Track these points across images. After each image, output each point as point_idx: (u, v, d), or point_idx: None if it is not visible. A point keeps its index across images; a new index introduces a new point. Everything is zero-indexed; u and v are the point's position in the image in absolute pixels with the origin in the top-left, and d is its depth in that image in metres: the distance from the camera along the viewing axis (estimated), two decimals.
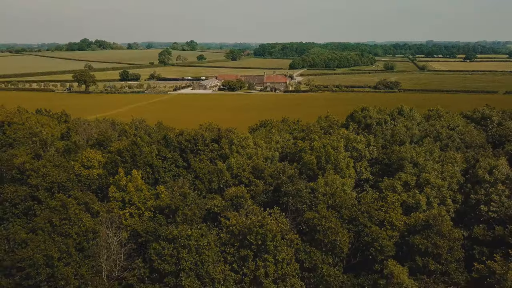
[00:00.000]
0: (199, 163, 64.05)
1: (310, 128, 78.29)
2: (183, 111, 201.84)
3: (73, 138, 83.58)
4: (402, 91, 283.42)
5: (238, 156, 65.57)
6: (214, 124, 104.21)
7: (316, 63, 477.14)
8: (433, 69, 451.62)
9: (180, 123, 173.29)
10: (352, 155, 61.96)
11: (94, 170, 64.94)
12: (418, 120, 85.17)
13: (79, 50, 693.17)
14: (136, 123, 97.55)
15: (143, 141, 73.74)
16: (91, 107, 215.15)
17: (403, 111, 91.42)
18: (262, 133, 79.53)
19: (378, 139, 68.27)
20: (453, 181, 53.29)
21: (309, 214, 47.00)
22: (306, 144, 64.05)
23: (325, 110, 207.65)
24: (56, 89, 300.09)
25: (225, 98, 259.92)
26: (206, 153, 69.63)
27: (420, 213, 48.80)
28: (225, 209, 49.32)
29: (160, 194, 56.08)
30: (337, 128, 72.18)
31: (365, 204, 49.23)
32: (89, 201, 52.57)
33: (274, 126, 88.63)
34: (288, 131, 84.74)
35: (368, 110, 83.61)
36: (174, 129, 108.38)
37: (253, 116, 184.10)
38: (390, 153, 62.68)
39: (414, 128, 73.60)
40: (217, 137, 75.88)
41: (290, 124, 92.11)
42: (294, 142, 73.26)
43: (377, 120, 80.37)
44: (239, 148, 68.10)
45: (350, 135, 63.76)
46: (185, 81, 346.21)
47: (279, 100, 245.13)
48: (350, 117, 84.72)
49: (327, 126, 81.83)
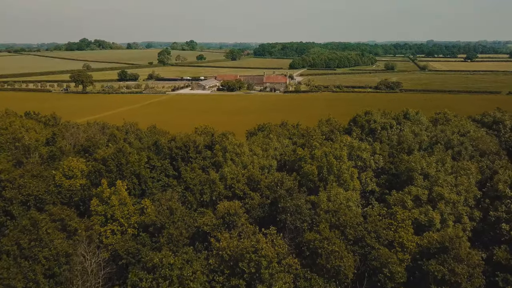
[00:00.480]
0: (190, 172, 58.53)
1: (310, 134, 72.77)
2: (180, 113, 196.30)
3: (58, 144, 78.03)
4: (403, 91, 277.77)
5: (233, 165, 60.09)
6: (210, 127, 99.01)
7: (316, 63, 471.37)
8: (434, 69, 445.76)
9: (176, 125, 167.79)
10: (356, 165, 56.42)
11: (77, 180, 59.50)
12: (426, 125, 79.60)
13: (78, 50, 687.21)
14: (127, 127, 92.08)
15: (132, 148, 68.42)
16: (86, 108, 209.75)
17: (408, 114, 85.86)
18: (260, 138, 74.04)
19: (384, 146, 62.71)
20: (469, 195, 47.79)
21: (309, 235, 41.50)
22: (306, 152, 58.52)
23: (326, 111, 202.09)
24: (53, 90, 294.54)
25: (223, 99, 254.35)
26: (198, 161, 64.14)
27: (434, 232, 43.30)
28: (216, 228, 43.84)
29: (145, 209, 50.67)
30: (339, 134, 66.61)
31: (372, 222, 43.71)
32: (66, 218, 47.08)
33: (272, 131, 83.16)
34: (287, 136, 79.26)
35: (372, 114, 78.08)
36: (168, 133, 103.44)
37: (251, 118, 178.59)
38: (397, 163, 57.15)
39: (422, 134, 68.02)
40: (211, 143, 70.43)
41: (289, 128, 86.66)
42: (293, 149, 67.73)
43: (382, 125, 74.83)
44: (234, 156, 62.63)
45: (354, 143, 58.19)
46: (184, 81, 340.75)
47: (279, 101, 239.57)
48: (353, 121, 79.15)
49: (328, 131, 76.31)
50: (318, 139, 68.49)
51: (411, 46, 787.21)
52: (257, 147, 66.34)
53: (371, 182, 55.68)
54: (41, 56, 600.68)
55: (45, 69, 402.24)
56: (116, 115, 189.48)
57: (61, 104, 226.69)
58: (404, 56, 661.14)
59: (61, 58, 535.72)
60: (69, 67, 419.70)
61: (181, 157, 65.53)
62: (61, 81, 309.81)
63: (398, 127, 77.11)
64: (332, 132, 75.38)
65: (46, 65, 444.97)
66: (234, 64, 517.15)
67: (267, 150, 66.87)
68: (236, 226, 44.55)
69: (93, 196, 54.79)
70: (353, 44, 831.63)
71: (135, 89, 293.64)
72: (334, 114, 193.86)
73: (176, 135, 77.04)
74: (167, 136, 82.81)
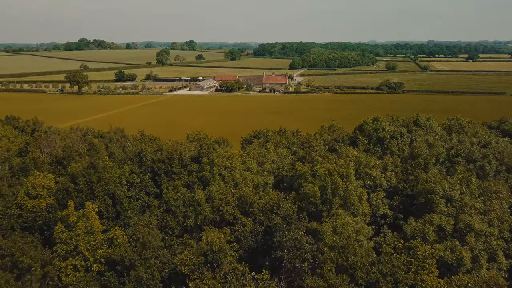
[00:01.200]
0: (172, 192, 49.97)
1: (311, 143, 64.27)
2: (176, 115, 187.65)
3: (31, 154, 69.57)
4: (405, 92, 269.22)
5: (222, 183, 51.56)
6: (203, 134, 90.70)
7: (317, 63, 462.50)
8: (436, 69, 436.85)
9: (170, 129, 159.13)
10: (364, 184, 47.90)
11: (41, 200, 51.09)
12: (439, 133, 71.10)
13: (77, 50, 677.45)
14: (111, 133, 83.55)
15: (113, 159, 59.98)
16: (78, 110, 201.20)
17: (419, 120, 77.24)
18: (255, 147, 65.52)
19: (396, 161, 54.13)
20: (504, 226, 39.31)
21: (311, 280, 33.06)
22: (307, 168, 49.98)
23: (326, 113, 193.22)
24: (48, 90, 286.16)
25: (221, 100, 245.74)
26: (183, 176, 55.64)
27: (464, 274, 34.84)
28: (197, 269, 35.38)
29: (115, 239, 42.23)
30: (344, 146, 58.03)
31: (387, 262, 35.19)
32: (17, 253, 38.67)
33: (269, 139, 74.68)
34: (285, 145, 70.71)
35: (380, 121, 69.49)
36: (157, 140, 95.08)
37: (249, 121, 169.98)
38: (413, 181, 48.65)
39: (438, 145, 59.38)
40: (198, 155, 61.93)
41: (288, 136, 78.17)
42: (292, 162, 59.31)
43: (391, 133, 66.24)
44: (223, 170, 54.08)
45: (361, 158, 49.55)
46: (182, 81, 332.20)
47: (278, 102, 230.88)
48: (359, 129, 70.51)
49: (332, 140, 67.81)
50: (321, 150, 59.97)
51: (412, 46, 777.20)
52: (251, 160, 57.82)
53: (383, 205, 47.14)
54: (39, 56, 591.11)
55: (42, 69, 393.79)
56: (109, 117, 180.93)
57: (53, 105, 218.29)
58: (405, 56, 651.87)
59: (58, 58, 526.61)
60: (66, 67, 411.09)
61: (164, 171, 57.11)
62: (56, 82, 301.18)
63: (409, 135, 68.56)
64: (336, 141, 66.88)
65: (43, 65, 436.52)
66: (234, 64, 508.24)
67: (263, 163, 58.40)
68: (221, 265, 36.09)
69: (58, 221, 46.44)
70: (353, 44, 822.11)
71: (131, 89, 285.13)
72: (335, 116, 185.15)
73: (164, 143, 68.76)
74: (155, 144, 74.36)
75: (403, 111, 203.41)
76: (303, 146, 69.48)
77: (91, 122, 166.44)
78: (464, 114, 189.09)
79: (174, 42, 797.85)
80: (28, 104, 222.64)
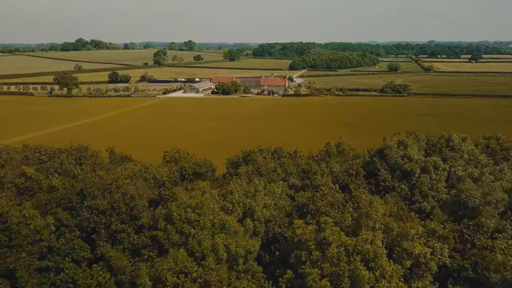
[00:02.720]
0: (102, 273, 31.89)
1: (315, 180, 46.03)
2: (165, 121, 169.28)
3: None
4: (411, 95, 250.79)
5: (182, 251, 33.48)
6: (183, 152, 72.90)
7: (317, 63, 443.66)
8: (439, 70, 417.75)
9: (155, 137, 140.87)
10: (401, 264, 29.74)
11: None
12: (484, 161, 52.86)
13: (74, 50, 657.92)
14: (64, 156, 65.23)
15: (39, 203, 42.23)
16: (60, 115, 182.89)
17: (452, 141, 58.94)
18: (242, 183, 47.25)
19: (440, 215, 35.95)
20: None
21: None
22: (310, 232, 31.93)
23: (328, 118, 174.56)
24: (36, 93, 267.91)
25: (216, 104, 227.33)
26: (129, 237, 37.62)
27: None
28: None
29: None
30: (363, 191, 39.66)
31: None
32: None
33: (261, 166, 56.49)
34: (280, 176, 52.49)
35: (406, 145, 51.37)
36: (129, 160, 77.21)
37: (244, 127, 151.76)
38: (475, 256, 30.56)
39: (495, 188, 41.09)
40: (159, 197, 43.90)
41: (285, 161, 59.78)
42: (289, 211, 41.35)
43: (422, 165, 48.10)
44: (187, 227, 35.97)
45: (393, 225, 31.23)
46: (178, 83, 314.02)
47: (277, 106, 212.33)
48: (379, 154, 52.31)
49: (342, 171, 49.59)
50: (328, 194, 41.77)
51: (413, 46, 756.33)
52: (234, 207, 39.67)
53: None
54: (34, 56, 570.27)
55: (35, 70, 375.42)
56: (92, 123, 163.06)
57: (35, 110, 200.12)
58: (406, 57, 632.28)
59: (53, 59, 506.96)
60: (60, 68, 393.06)
61: (104, 226, 39.04)
62: (45, 83, 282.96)
63: (446, 166, 50.34)
64: (348, 174, 48.69)
65: (37, 66, 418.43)
66: (232, 65, 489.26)
67: (250, 209, 40.40)
68: None
69: None
70: (354, 44, 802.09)
71: (123, 92, 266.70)
72: (339, 122, 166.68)
73: (120, 178, 50.44)
74: (110, 177, 55.92)
75: (411, 115, 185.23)
76: (304, 176, 51.67)
77: (71, 129, 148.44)
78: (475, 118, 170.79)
79: (173, 42, 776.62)
80: (8, 108, 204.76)
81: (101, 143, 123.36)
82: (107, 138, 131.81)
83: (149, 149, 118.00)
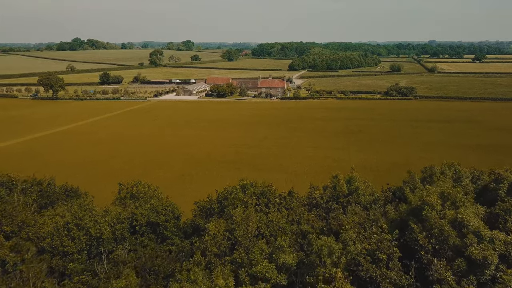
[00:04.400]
0: None
1: (316, 259, 27.22)
2: (148, 128, 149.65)
3: None
4: (418, 98, 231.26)
5: None
6: (143, 184, 55.96)
7: (317, 64, 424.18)
8: (443, 71, 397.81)
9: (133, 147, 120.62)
10: None
11: None
12: None
13: (70, 49, 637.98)
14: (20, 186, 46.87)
15: None
16: (35, 122, 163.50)
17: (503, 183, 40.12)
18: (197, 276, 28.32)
19: None
20: None
21: None
22: None
23: (330, 126, 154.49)
24: (20, 95, 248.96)
25: (209, 108, 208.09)
26: None
27: None
28: None
29: None
30: None
31: None
32: None
33: (239, 225, 37.48)
34: (265, 254, 33.39)
35: (455, 201, 32.48)
36: (76, 193, 60.28)
37: (237, 137, 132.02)
38: None
39: None
40: None
41: (273, 219, 40.37)
42: None
43: (502, 249, 28.97)
44: None
45: None
46: (172, 84, 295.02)
47: (274, 112, 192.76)
48: (412, 213, 33.33)
49: (362, 255, 30.60)
50: None
51: (415, 46, 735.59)
52: None
53: None
54: (27, 56, 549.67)
55: (28, 70, 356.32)
56: (62, 133, 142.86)
57: (9, 115, 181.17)
58: (408, 57, 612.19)
59: (47, 59, 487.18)
60: (53, 68, 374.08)
61: None
62: (29, 85, 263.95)
63: (509, 238, 31.19)
64: (373, 259, 29.65)
65: (29, 66, 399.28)
66: (231, 65, 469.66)
67: None
68: None
69: None
70: (354, 44, 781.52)
71: (112, 94, 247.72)
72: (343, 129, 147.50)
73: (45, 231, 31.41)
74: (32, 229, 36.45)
75: (421, 122, 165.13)
76: (303, 244, 32.90)
77: (35, 141, 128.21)
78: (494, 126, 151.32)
79: (171, 42, 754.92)
80: None
81: (57, 162, 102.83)
82: (70, 153, 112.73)
83: (116, 168, 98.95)
